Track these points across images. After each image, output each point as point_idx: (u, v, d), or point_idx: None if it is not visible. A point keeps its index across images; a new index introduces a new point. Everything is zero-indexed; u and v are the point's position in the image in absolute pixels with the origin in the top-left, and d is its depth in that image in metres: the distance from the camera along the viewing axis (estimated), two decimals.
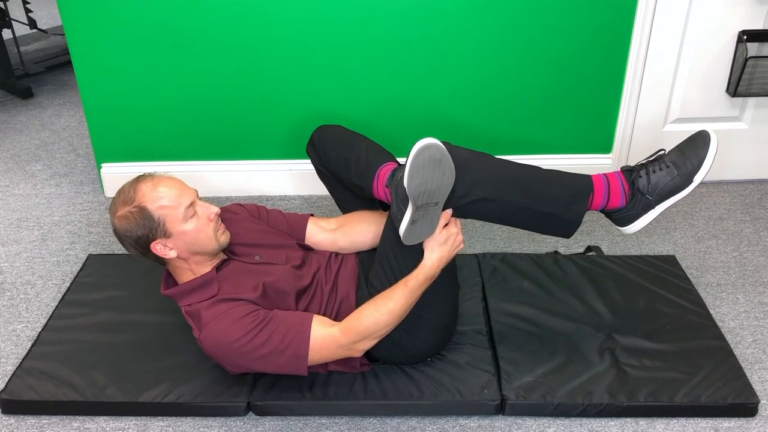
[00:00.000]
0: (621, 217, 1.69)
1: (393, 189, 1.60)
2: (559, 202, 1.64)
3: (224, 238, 1.70)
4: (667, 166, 1.63)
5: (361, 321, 1.62)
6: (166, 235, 1.61)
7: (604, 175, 1.67)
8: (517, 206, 1.63)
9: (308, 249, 1.87)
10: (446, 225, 1.65)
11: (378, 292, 1.66)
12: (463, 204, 1.62)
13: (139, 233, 1.60)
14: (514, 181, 1.63)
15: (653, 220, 1.67)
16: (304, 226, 1.89)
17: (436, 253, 1.64)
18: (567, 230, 1.68)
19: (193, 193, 1.66)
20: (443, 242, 1.65)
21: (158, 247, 1.62)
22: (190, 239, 1.63)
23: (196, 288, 1.67)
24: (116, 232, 1.64)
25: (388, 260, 1.68)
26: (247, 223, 1.84)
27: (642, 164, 1.67)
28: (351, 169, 1.77)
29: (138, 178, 1.65)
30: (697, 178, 1.62)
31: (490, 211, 1.65)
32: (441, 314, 1.78)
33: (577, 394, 1.71)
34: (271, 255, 1.78)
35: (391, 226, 1.65)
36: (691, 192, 1.64)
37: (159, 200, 1.60)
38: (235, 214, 1.86)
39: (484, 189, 1.61)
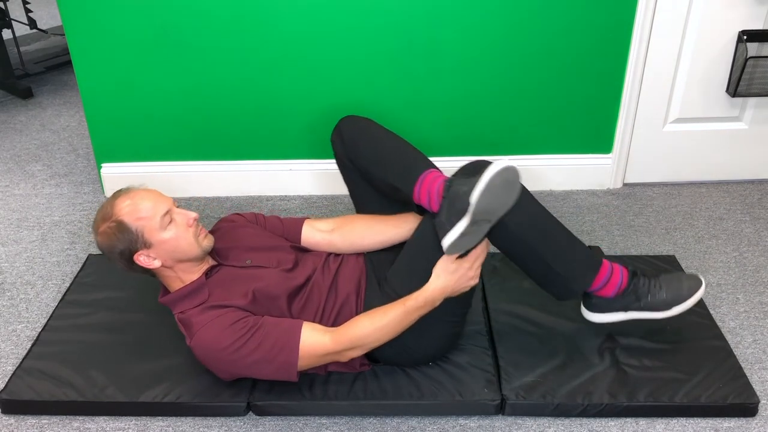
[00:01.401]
0: (595, 304, 1.75)
1: (448, 200, 1.57)
2: (571, 268, 1.69)
3: (207, 242, 1.70)
4: (661, 287, 1.72)
5: (354, 330, 1.62)
6: (147, 245, 1.62)
7: (611, 264, 1.72)
8: (535, 252, 1.66)
9: (303, 251, 1.87)
10: (461, 257, 1.63)
11: (393, 288, 1.67)
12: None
13: (121, 247, 1.62)
14: (543, 228, 1.67)
15: (617, 321, 1.76)
16: (299, 228, 1.89)
17: (441, 280, 1.62)
18: (564, 296, 1.74)
19: (169, 201, 1.66)
20: (452, 272, 1.62)
21: (141, 258, 1.63)
22: (171, 247, 1.64)
23: (188, 294, 1.68)
24: (101, 249, 1.66)
25: (417, 262, 1.67)
26: (242, 229, 1.85)
27: (646, 276, 1.74)
28: (387, 168, 1.75)
29: (115, 194, 1.67)
30: (673, 311, 1.73)
31: (507, 242, 1.67)
32: (452, 323, 1.77)
33: (577, 394, 1.71)
34: (262, 258, 1.77)
35: (430, 232, 1.63)
36: (661, 318, 1.74)
37: (135, 212, 1.61)
38: (233, 222, 1.87)
39: (517, 220, 1.62)
